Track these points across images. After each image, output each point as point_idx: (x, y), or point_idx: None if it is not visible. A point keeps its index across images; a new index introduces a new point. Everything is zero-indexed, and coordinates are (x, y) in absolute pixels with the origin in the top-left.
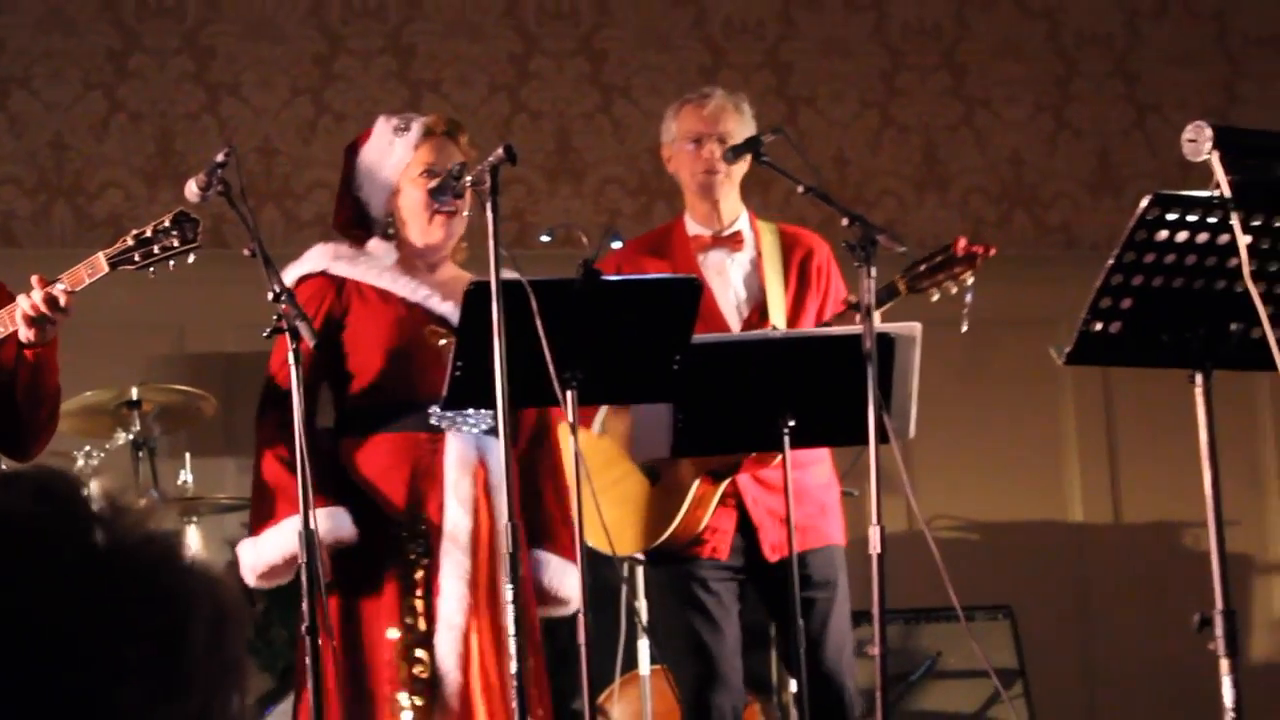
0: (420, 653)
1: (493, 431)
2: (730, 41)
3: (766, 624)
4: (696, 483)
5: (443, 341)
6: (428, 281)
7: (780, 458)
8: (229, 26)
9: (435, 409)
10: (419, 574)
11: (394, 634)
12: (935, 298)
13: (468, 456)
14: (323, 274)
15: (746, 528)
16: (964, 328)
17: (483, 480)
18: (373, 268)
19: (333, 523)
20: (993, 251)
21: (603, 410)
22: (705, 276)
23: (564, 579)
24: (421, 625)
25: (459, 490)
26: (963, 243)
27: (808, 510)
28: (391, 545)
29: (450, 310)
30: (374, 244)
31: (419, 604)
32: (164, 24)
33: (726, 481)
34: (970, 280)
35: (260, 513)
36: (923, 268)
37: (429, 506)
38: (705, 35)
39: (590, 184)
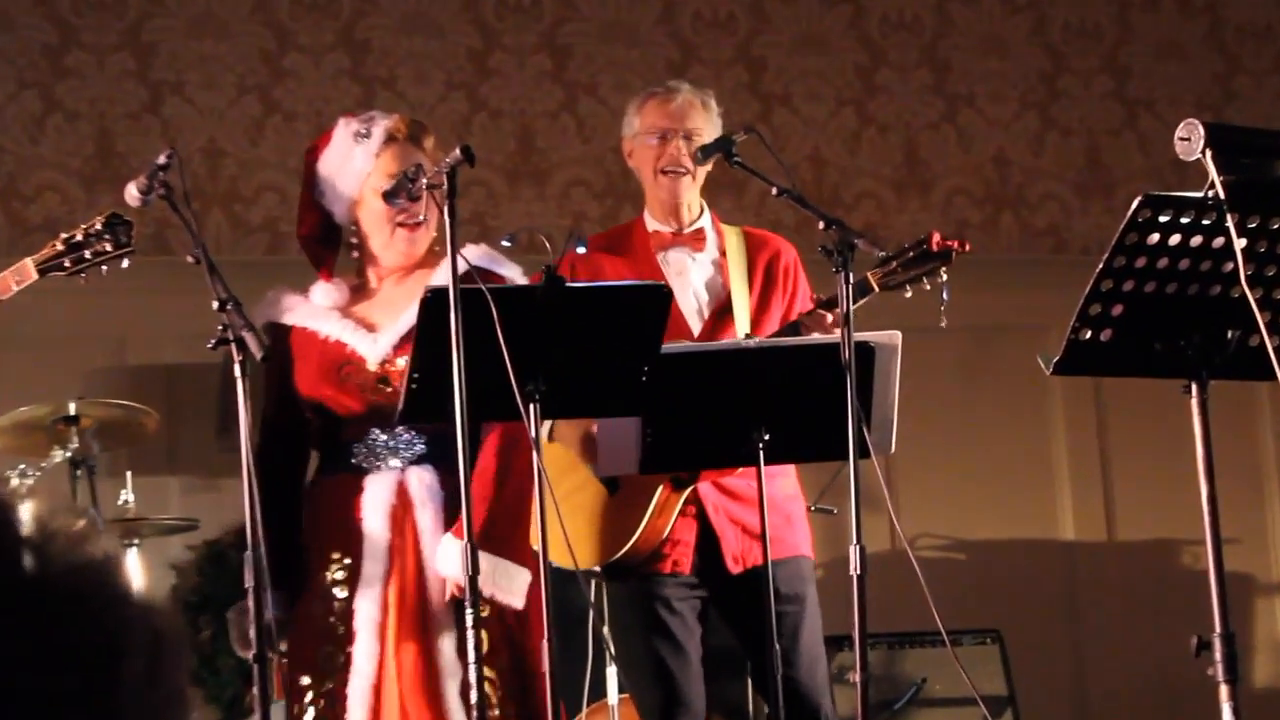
0: (335, 697)
1: (421, 460)
2: (700, 36)
3: (739, 646)
4: (659, 490)
5: (359, 380)
6: (361, 310)
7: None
8: (172, 21)
9: (357, 447)
10: (334, 620)
11: (306, 680)
12: (909, 294)
13: (381, 498)
14: (274, 323)
15: (706, 538)
16: (942, 323)
17: (407, 520)
18: (302, 310)
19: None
20: (968, 246)
21: None
22: (665, 276)
23: (506, 579)
24: (339, 671)
25: (372, 536)
26: (937, 237)
27: (772, 520)
28: (322, 593)
29: (360, 340)
30: (316, 289)
31: (339, 653)
32: (103, 19)
33: (689, 489)
34: (945, 276)
35: None
36: (896, 264)
37: (352, 553)
38: (674, 30)
39: (554, 186)
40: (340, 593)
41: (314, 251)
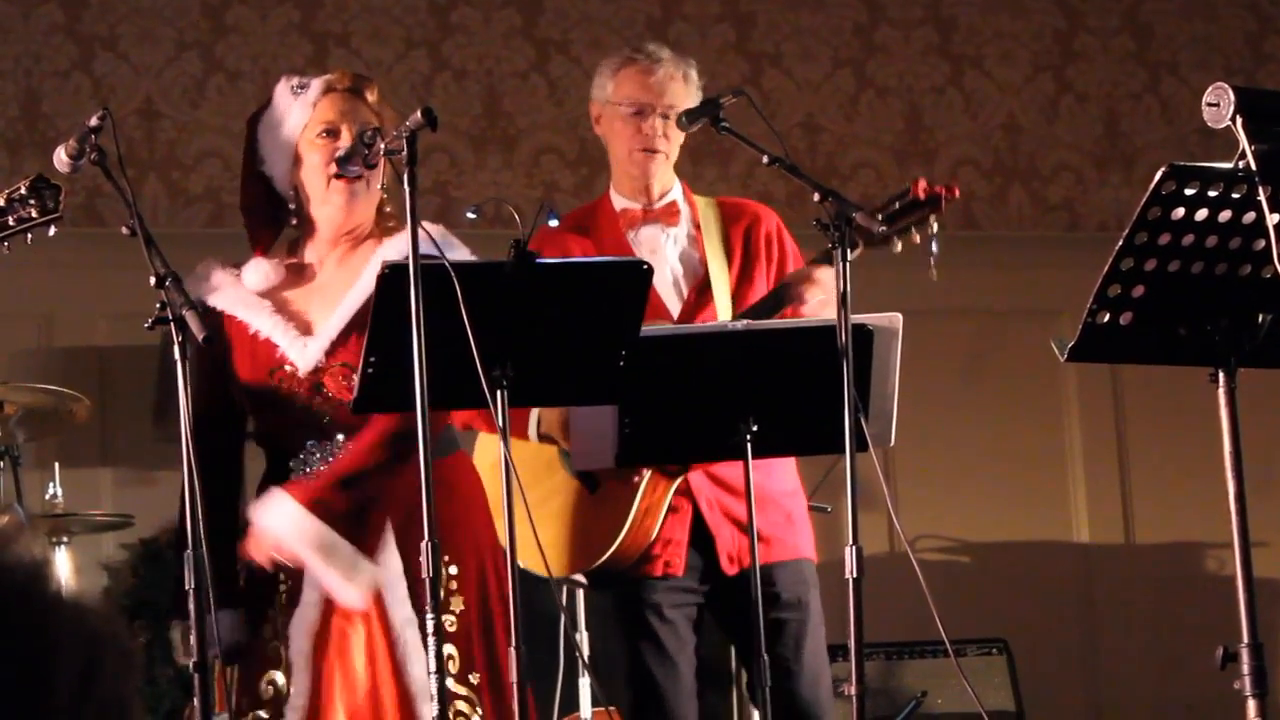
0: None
1: None
2: None
3: (725, 659)
4: (644, 483)
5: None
6: (296, 298)
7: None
8: None
9: (294, 462)
10: (277, 644)
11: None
12: (898, 248)
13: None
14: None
15: (701, 536)
16: (933, 276)
17: None
18: (231, 293)
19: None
20: (956, 193)
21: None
22: (636, 256)
23: None
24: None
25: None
26: (923, 183)
27: (772, 518)
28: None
29: (291, 344)
30: (249, 267)
31: (278, 676)
32: None
33: (679, 480)
34: (936, 226)
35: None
36: (881, 215)
37: (291, 574)
38: None
39: (523, 153)
40: (282, 617)
41: (253, 227)
